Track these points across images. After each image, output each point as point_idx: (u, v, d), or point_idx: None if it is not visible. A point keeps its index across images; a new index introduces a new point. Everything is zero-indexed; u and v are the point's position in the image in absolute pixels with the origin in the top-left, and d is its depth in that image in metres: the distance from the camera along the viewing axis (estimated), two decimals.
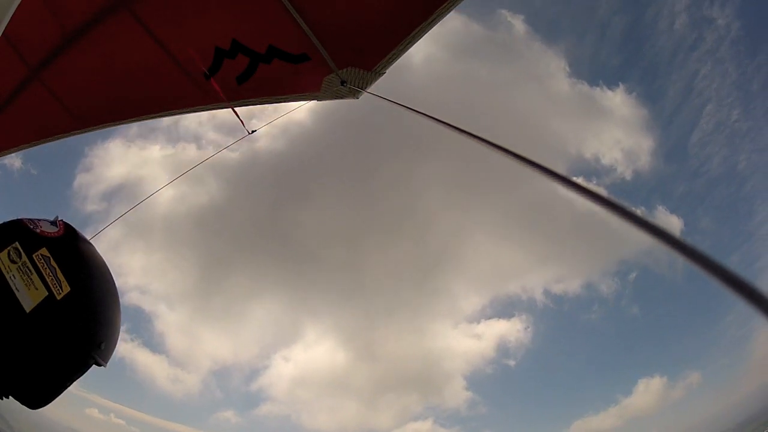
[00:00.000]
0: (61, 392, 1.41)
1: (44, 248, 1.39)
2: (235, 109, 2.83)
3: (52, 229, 1.47)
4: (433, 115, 1.37)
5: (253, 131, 2.87)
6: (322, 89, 2.62)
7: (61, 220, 1.53)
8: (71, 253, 1.46)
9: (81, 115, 3.27)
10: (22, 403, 1.38)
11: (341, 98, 2.63)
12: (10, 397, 1.36)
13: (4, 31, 1.62)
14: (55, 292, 1.35)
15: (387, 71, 2.50)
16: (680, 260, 0.39)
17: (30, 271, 1.34)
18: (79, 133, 3.40)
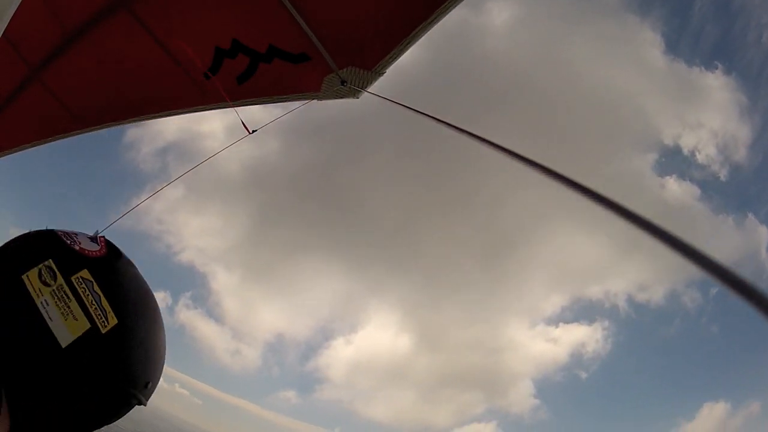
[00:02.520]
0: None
1: (85, 270, 1.09)
2: (239, 105, 2.83)
3: (92, 247, 1.16)
4: (433, 115, 1.37)
5: (253, 131, 2.86)
6: (323, 89, 2.61)
7: (102, 236, 1.23)
8: (117, 277, 1.16)
9: (81, 115, 3.27)
10: None
11: (342, 98, 2.62)
12: None
13: (4, 31, 1.62)
14: (99, 325, 1.06)
15: (387, 71, 2.50)
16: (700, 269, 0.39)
17: (67, 297, 1.05)
18: (79, 133, 3.40)
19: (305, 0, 2.41)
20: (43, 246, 1.11)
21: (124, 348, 1.10)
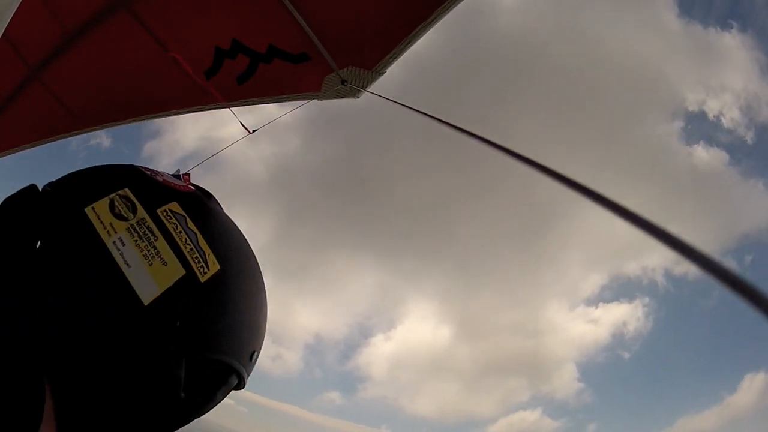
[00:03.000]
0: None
1: (174, 202, 0.78)
2: (239, 105, 2.83)
3: (178, 182, 0.85)
4: (433, 115, 1.37)
5: (253, 130, 2.87)
6: (323, 89, 2.61)
7: (187, 174, 0.91)
8: (213, 215, 0.84)
9: (81, 115, 3.27)
10: None
11: (342, 98, 2.62)
12: None
13: (4, 31, 1.62)
14: (197, 271, 0.73)
15: (387, 70, 2.50)
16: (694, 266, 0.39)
17: (152, 234, 0.72)
18: (79, 133, 3.40)
19: (305, 0, 2.41)
20: (118, 175, 0.79)
21: (229, 303, 0.76)
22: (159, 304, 0.69)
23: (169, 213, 0.75)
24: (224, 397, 0.82)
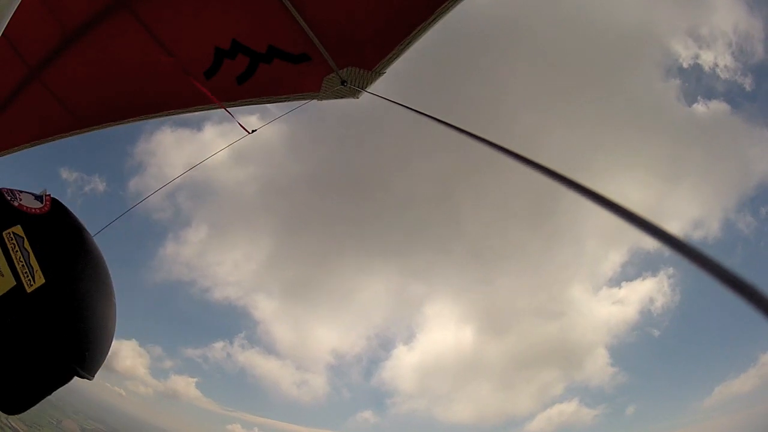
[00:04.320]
0: (36, 403, 1.10)
1: (18, 226, 1.07)
2: (238, 105, 2.83)
3: (34, 205, 1.13)
4: (433, 115, 1.37)
5: (253, 131, 2.87)
6: (322, 89, 2.62)
7: (49, 195, 1.18)
8: (53, 235, 1.12)
9: (81, 115, 3.27)
10: None
11: (341, 98, 2.63)
12: None
13: (3, 31, 1.62)
14: (24, 283, 1.02)
15: (387, 71, 2.50)
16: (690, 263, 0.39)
17: None
18: (78, 133, 3.40)
19: (305, 0, 2.41)
20: None
21: (52, 310, 1.04)
22: None
23: (11, 235, 1.06)
24: (62, 383, 1.09)
